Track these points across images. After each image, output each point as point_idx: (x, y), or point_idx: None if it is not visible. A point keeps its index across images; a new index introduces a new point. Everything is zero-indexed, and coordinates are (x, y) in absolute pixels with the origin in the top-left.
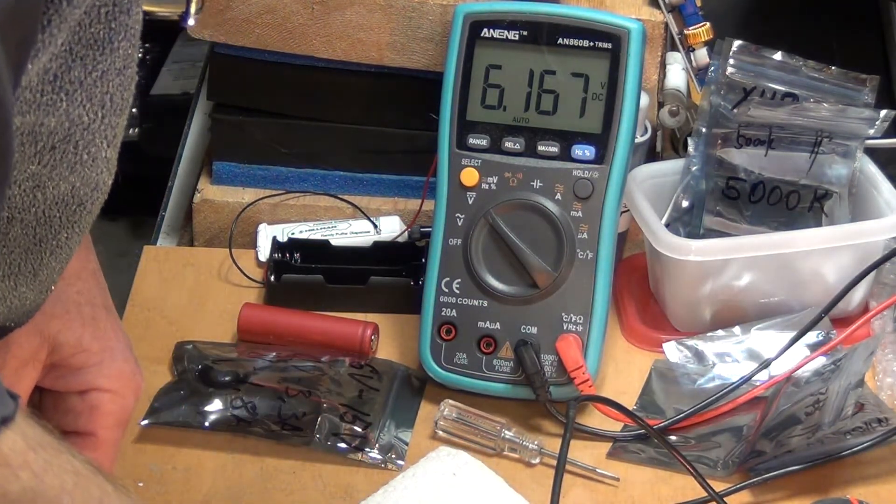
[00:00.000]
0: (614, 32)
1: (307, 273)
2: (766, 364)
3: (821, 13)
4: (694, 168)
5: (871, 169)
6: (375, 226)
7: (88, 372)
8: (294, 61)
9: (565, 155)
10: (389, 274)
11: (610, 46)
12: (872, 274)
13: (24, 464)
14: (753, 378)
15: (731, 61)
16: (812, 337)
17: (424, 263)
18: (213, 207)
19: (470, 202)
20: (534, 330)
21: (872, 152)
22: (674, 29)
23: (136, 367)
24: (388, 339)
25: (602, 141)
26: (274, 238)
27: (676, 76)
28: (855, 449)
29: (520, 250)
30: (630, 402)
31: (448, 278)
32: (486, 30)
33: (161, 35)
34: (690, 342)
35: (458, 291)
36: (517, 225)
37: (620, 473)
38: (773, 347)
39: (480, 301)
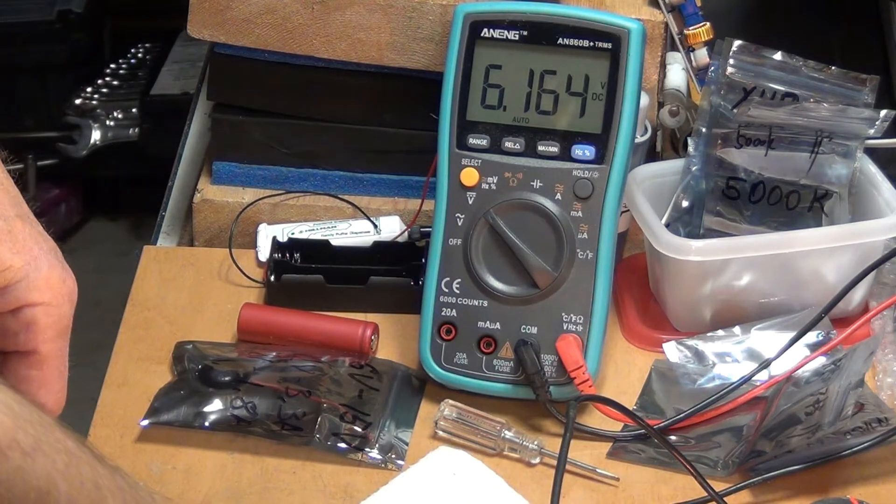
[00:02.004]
0: (614, 32)
1: (307, 273)
2: (766, 364)
3: (821, 13)
4: (694, 168)
5: (871, 169)
6: (375, 226)
7: (15, 289)
8: (294, 61)
9: (565, 155)
10: (389, 274)
11: (610, 46)
12: (872, 274)
13: (13, 443)
14: (753, 378)
15: (731, 61)
16: (812, 337)
17: (424, 263)
18: (213, 207)
19: (470, 202)
20: (534, 330)
21: (872, 152)
22: (674, 29)
23: (65, 272)
24: (388, 339)
25: (602, 141)
26: (274, 238)
27: (676, 76)
28: (855, 449)
29: (520, 250)
30: (630, 402)
31: (448, 278)
32: (486, 30)
33: (161, 35)
34: (690, 342)
35: (458, 291)
36: (517, 225)
37: (620, 473)
38: (773, 347)
39: (480, 301)
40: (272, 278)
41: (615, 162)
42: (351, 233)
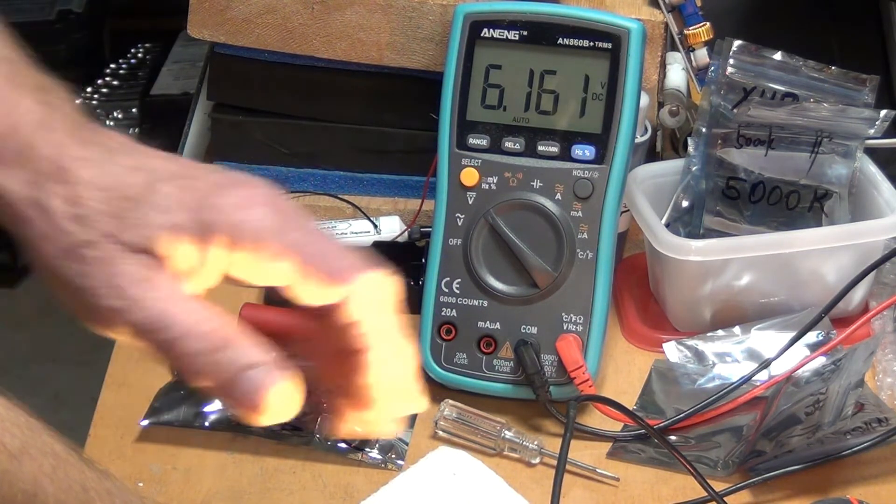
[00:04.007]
0: (614, 32)
1: None
2: (766, 364)
3: (821, 13)
4: (694, 168)
5: (871, 169)
6: (375, 226)
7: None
8: (294, 61)
9: (565, 155)
10: None
11: (610, 46)
12: (872, 274)
13: (0, 446)
14: (753, 378)
15: (731, 61)
16: (812, 337)
17: (424, 263)
18: None
19: (470, 202)
20: (534, 330)
21: (872, 152)
22: (674, 29)
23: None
24: None
25: (602, 141)
26: None
27: (676, 76)
28: (855, 449)
29: (520, 250)
30: (630, 402)
31: (448, 278)
32: (486, 30)
33: (161, 35)
34: (690, 342)
35: (458, 291)
36: (517, 225)
37: (620, 473)
38: (773, 347)
39: (480, 301)
40: None
41: (615, 162)
42: (351, 233)
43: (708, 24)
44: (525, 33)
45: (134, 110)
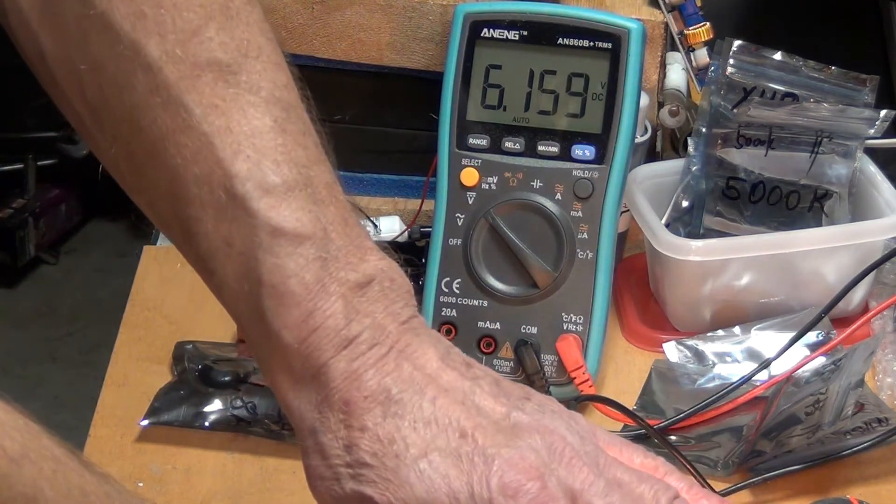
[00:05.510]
0: (614, 32)
1: None
2: (766, 364)
3: (821, 13)
4: (694, 168)
5: (871, 169)
6: (375, 226)
7: None
8: (294, 61)
9: (565, 155)
10: None
11: (610, 46)
12: (872, 274)
13: (0, 450)
14: (753, 378)
15: (731, 61)
16: (812, 337)
17: (424, 263)
18: None
19: (470, 202)
20: (534, 330)
21: (872, 152)
22: (674, 29)
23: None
24: None
25: (602, 141)
26: None
27: (676, 76)
28: (855, 449)
29: (520, 250)
30: (630, 402)
31: (448, 278)
32: (486, 30)
33: None
34: (690, 342)
35: (458, 291)
36: (517, 225)
37: None
38: (773, 347)
39: (480, 301)
40: None
41: (615, 162)
42: None
43: (708, 24)
44: (525, 33)
45: None
